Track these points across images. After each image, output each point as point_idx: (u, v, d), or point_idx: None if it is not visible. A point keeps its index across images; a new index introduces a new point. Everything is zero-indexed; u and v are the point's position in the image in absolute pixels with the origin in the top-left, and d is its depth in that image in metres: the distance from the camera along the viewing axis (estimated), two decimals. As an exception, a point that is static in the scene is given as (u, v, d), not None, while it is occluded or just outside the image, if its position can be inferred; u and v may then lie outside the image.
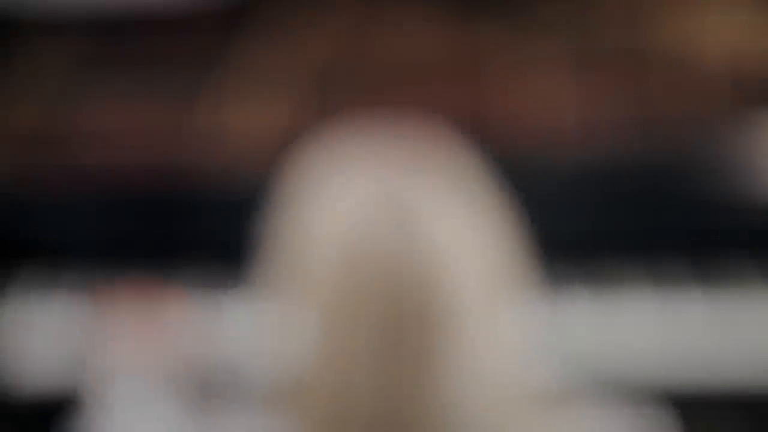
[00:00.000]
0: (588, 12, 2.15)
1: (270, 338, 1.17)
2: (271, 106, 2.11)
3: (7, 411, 1.95)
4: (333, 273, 1.09)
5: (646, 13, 2.14)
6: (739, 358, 1.90)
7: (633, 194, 2.03)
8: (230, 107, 2.11)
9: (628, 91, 2.09)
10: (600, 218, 2.02)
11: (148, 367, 1.71)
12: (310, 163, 1.18)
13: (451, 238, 1.11)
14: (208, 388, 1.24)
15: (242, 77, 2.13)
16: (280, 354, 1.14)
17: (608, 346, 1.91)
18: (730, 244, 1.99)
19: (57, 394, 1.92)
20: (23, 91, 2.16)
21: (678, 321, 1.93)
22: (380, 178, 1.13)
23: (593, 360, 1.90)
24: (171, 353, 1.69)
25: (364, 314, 1.08)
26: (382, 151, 1.16)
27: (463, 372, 1.08)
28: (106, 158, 2.09)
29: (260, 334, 1.22)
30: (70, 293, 2.00)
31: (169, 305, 1.94)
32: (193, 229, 2.05)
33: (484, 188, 1.17)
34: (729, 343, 1.91)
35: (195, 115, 2.10)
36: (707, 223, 2.00)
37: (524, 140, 2.06)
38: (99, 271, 2.01)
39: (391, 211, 1.10)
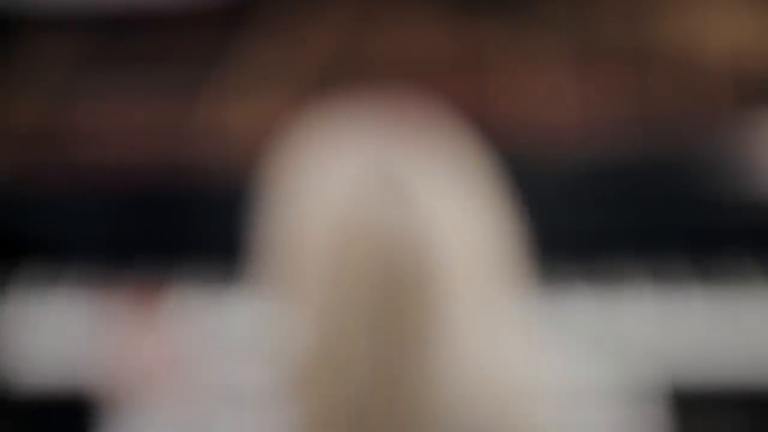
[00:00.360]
0: (589, 9, 2.14)
1: (270, 327, 1.17)
2: (272, 103, 2.11)
3: (7, 408, 1.95)
4: (328, 254, 1.09)
5: (647, 10, 2.14)
6: (741, 355, 1.90)
7: (634, 192, 2.03)
8: (231, 104, 2.11)
9: (629, 88, 2.08)
10: (601, 216, 2.02)
11: (150, 365, 1.71)
12: (301, 147, 1.17)
13: (446, 218, 1.11)
14: (209, 384, 1.24)
15: (243, 74, 2.13)
16: (280, 340, 1.14)
17: (609, 343, 1.90)
18: (732, 242, 1.99)
19: (58, 392, 1.92)
20: (24, 88, 2.16)
21: (679, 318, 1.93)
22: (374, 156, 1.13)
23: (594, 357, 1.90)
24: (172, 350, 1.69)
25: (361, 293, 1.08)
26: (376, 131, 1.15)
27: (457, 348, 1.08)
28: (107, 155, 2.09)
29: (261, 327, 1.22)
30: (72, 291, 2.00)
31: (171, 302, 1.94)
32: (195, 226, 2.05)
33: (482, 173, 1.17)
34: (730, 340, 1.91)
35: (196, 113, 2.10)
36: (708, 221, 2.00)
37: (525, 137, 2.06)
38: (100, 268, 2.01)
39: (385, 188, 1.10)
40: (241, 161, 2.05)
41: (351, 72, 2.13)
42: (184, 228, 2.05)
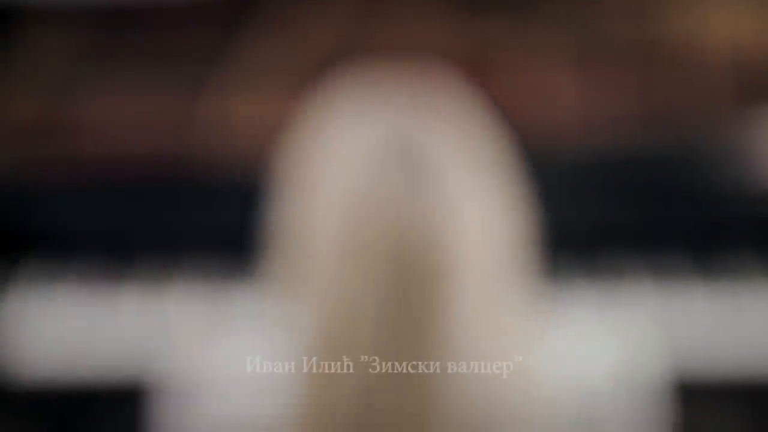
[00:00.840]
0: (590, 5, 2.15)
1: (277, 313, 1.16)
2: (273, 97, 2.10)
3: (9, 400, 1.95)
4: (337, 236, 1.08)
5: (649, 4, 2.15)
6: (741, 348, 1.90)
7: (635, 186, 2.03)
8: (233, 98, 2.11)
9: (630, 83, 2.09)
10: (602, 210, 2.02)
11: (156, 359, 1.71)
12: (315, 128, 1.17)
13: (462, 201, 1.10)
14: (217, 378, 1.24)
15: (244, 68, 2.13)
16: (286, 327, 1.13)
17: (609, 338, 1.90)
18: (733, 237, 1.99)
19: (60, 386, 1.92)
20: (26, 80, 2.15)
21: (679, 313, 1.93)
22: (390, 135, 1.12)
23: (594, 353, 1.90)
24: (179, 342, 1.69)
25: (367, 276, 1.07)
26: (392, 109, 1.14)
27: (465, 336, 1.08)
28: (109, 150, 2.08)
29: (267, 313, 1.22)
30: (74, 284, 2.00)
31: (174, 295, 1.93)
32: (197, 218, 2.04)
33: (495, 160, 1.16)
34: (731, 334, 1.91)
35: (198, 105, 2.10)
36: (709, 216, 2.00)
37: (526, 132, 2.06)
38: (103, 262, 2.01)
39: (400, 168, 1.09)
40: (243, 155, 2.05)
41: (352, 66, 2.13)
42: (187, 220, 2.04)
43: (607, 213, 2.02)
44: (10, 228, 2.05)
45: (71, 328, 1.94)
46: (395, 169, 1.09)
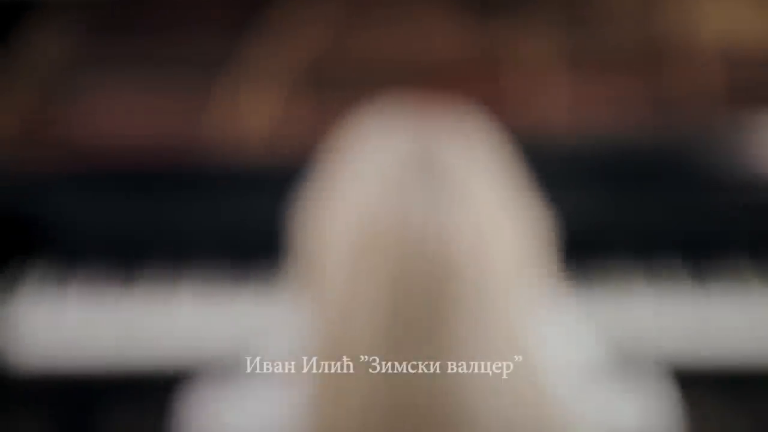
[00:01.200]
0: (591, 4, 2.15)
1: (286, 316, 1.17)
2: (274, 95, 2.11)
3: (16, 396, 1.95)
4: (350, 244, 1.08)
5: (648, 5, 2.15)
6: (739, 349, 1.91)
7: (631, 188, 2.04)
8: (234, 96, 2.11)
9: (630, 83, 2.09)
10: (597, 212, 2.02)
11: (161, 355, 1.71)
12: (344, 146, 1.17)
13: (480, 213, 1.10)
14: (225, 373, 1.24)
15: (247, 67, 2.13)
16: (294, 329, 1.14)
17: (607, 338, 1.91)
18: (729, 238, 1.99)
19: (64, 381, 1.92)
20: (30, 80, 2.16)
21: (675, 314, 1.94)
22: (410, 149, 1.12)
23: (591, 353, 1.90)
24: (188, 338, 1.69)
25: (375, 286, 1.07)
26: (412, 125, 1.15)
27: (476, 345, 1.08)
28: (112, 148, 2.09)
29: (278, 316, 1.22)
30: (82, 282, 2.00)
31: (181, 293, 1.94)
32: (203, 218, 2.04)
33: (510, 169, 1.17)
34: (726, 335, 1.91)
35: (201, 105, 2.10)
36: (707, 216, 2.01)
37: (521, 133, 2.07)
38: (110, 259, 2.01)
39: (420, 182, 1.09)
40: (245, 154, 2.05)
41: (348, 67, 2.14)
42: (192, 221, 2.04)
43: (606, 214, 2.02)
44: (16, 226, 2.05)
45: (76, 325, 1.95)
46: (404, 175, 1.10)
